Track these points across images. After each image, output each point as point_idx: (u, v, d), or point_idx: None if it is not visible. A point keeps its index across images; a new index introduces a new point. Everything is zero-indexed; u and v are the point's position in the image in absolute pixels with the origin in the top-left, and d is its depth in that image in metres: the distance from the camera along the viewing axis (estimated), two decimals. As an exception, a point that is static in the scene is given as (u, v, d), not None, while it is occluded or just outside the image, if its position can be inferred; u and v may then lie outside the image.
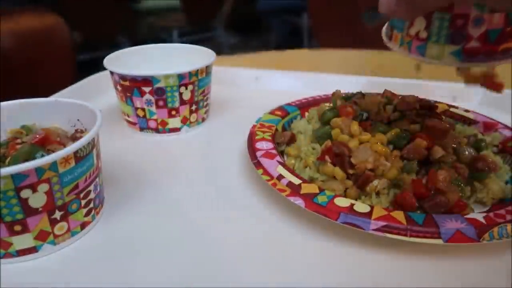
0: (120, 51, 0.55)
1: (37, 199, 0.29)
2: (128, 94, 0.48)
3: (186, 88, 0.48)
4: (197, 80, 0.48)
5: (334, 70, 0.67)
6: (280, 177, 0.36)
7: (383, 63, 0.85)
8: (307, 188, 0.34)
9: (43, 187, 0.29)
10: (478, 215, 0.31)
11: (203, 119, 0.53)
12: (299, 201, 0.33)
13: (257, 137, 0.42)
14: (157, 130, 0.50)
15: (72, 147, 0.29)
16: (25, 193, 0.28)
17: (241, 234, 0.34)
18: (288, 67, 0.69)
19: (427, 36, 0.31)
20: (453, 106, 0.49)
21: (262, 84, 0.66)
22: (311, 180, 0.37)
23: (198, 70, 0.48)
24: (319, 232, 0.33)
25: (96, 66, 0.53)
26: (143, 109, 0.49)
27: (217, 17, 2.88)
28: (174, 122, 0.50)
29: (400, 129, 0.38)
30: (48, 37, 1.07)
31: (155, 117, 0.49)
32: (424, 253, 0.31)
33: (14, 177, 0.27)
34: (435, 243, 0.29)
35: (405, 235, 0.30)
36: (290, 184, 0.35)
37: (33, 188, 0.29)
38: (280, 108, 0.49)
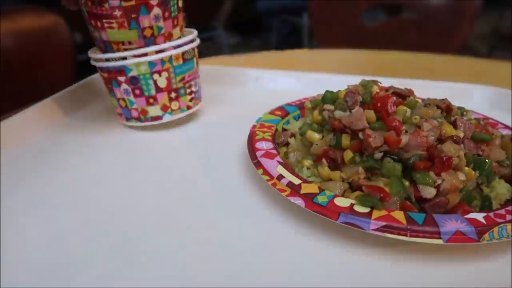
0: None
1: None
2: (110, 86, 0.49)
3: (160, 75, 0.47)
4: (171, 67, 0.48)
5: (334, 70, 0.67)
6: (280, 177, 0.36)
7: (383, 63, 0.85)
8: (307, 188, 0.34)
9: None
10: (478, 215, 0.31)
11: (189, 107, 0.52)
12: (299, 201, 0.33)
13: (257, 137, 0.42)
14: (139, 119, 0.50)
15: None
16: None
17: (241, 234, 0.34)
18: (288, 67, 0.69)
19: None
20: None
21: (262, 84, 0.66)
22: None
23: (171, 56, 0.47)
24: (319, 232, 0.33)
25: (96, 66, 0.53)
26: (124, 99, 0.49)
27: (217, 17, 2.87)
28: (154, 110, 0.49)
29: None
30: (48, 37, 1.07)
31: (135, 106, 0.49)
32: (424, 253, 0.31)
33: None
34: (435, 243, 0.29)
35: (405, 235, 0.30)
36: (290, 184, 0.35)
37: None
38: (280, 108, 0.49)
